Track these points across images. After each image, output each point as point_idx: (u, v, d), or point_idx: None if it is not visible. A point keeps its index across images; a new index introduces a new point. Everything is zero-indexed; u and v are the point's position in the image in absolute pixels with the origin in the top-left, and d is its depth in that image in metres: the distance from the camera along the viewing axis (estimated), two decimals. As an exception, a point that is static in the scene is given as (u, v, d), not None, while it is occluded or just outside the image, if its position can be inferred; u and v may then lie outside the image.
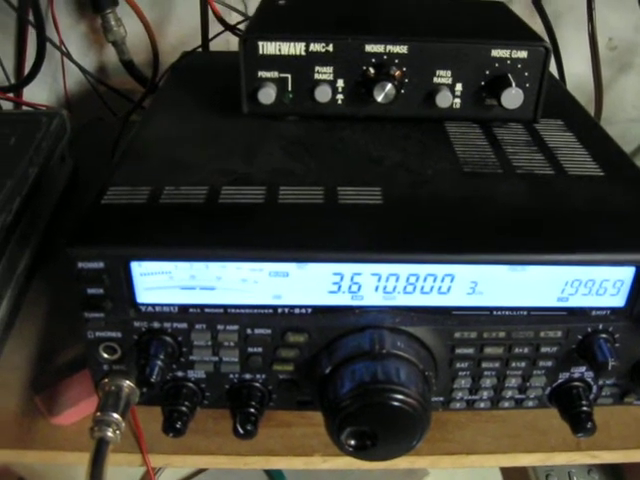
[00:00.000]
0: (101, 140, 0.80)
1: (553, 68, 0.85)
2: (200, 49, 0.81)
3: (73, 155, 0.75)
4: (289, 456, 0.51)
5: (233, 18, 0.83)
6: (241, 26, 0.77)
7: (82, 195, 0.74)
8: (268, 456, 0.50)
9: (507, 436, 0.52)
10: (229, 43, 0.83)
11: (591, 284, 0.43)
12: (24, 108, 0.89)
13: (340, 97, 0.53)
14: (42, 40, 0.80)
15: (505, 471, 0.71)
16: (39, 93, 0.93)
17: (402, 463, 0.51)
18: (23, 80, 0.86)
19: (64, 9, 0.91)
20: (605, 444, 0.52)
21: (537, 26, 0.83)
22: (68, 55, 0.91)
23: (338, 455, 0.48)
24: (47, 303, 0.62)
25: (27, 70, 0.88)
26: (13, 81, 0.92)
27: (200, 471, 0.68)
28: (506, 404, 0.48)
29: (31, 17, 0.84)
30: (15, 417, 0.51)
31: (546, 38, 0.84)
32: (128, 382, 0.44)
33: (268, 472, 0.68)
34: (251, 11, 0.90)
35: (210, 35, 0.84)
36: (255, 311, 0.42)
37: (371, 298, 0.42)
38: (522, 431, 0.52)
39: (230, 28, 0.71)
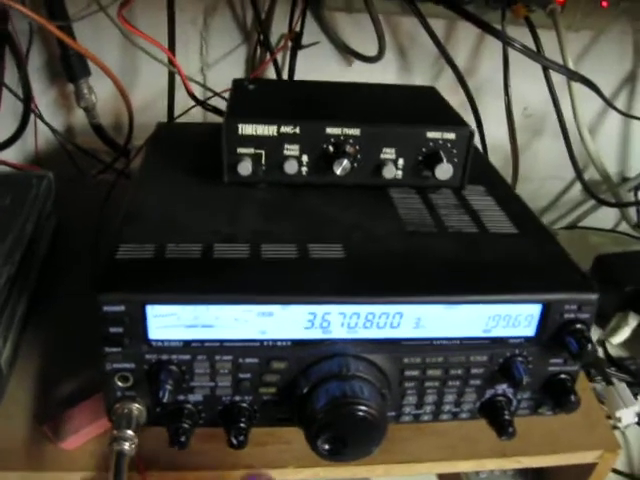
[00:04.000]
0: (79, 198, 0.87)
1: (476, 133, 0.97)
2: (168, 119, 0.89)
3: (56, 212, 0.81)
4: (266, 469, 0.56)
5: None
6: (209, 99, 0.86)
7: (65, 246, 0.81)
8: (247, 470, 0.56)
9: (446, 447, 0.59)
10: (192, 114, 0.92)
11: (508, 318, 0.51)
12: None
13: (305, 169, 0.61)
14: (27, 111, 0.87)
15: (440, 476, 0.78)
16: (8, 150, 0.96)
17: (361, 472, 0.57)
18: (4, 143, 0.91)
19: (37, 74, 0.96)
20: (527, 451, 0.59)
21: (461, 96, 0.95)
22: (41, 117, 0.95)
23: (308, 467, 0.55)
24: (43, 342, 0.66)
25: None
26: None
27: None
28: (445, 417, 0.55)
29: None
30: (23, 444, 0.56)
31: (469, 107, 0.96)
32: (137, 405, 0.50)
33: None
34: (210, 83, 0.98)
35: (177, 101, 0.93)
36: (245, 344, 0.49)
37: (338, 332, 0.50)
38: (458, 442, 0.59)
39: (200, 103, 0.79)
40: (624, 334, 0.83)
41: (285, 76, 0.98)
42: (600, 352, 0.82)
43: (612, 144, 1.13)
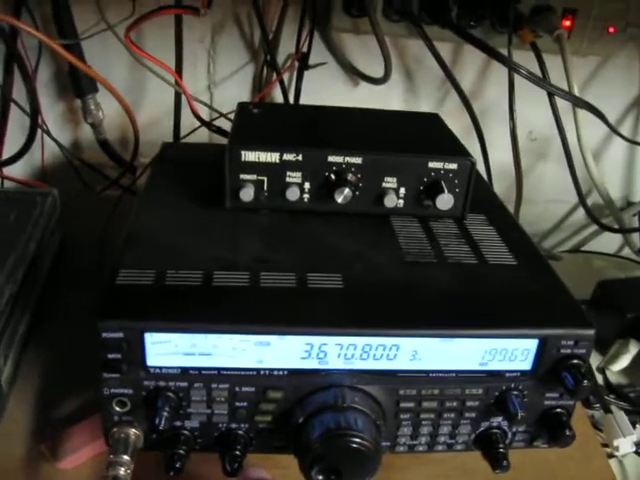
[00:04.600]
0: (84, 214, 0.88)
1: (479, 156, 0.97)
2: (174, 138, 0.90)
3: (60, 229, 0.82)
4: None
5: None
6: (215, 119, 0.86)
7: (69, 263, 0.81)
8: None
9: (441, 476, 0.59)
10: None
11: (505, 352, 0.51)
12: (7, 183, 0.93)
13: (306, 196, 0.61)
14: (34, 126, 0.88)
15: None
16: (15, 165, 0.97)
17: None
18: (11, 158, 0.91)
19: (45, 90, 0.97)
20: None
21: (466, 119, 0.96)
22: (48, 133, 0.96)
23: None
24: (43, 361, 0.66)
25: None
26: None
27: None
28: (440, 448, 0.55)
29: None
30: (21, 463, 0.56)
31: (473, 131, 0.96)
32: (134, 430, 0.50)
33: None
34: (216, 102, 1.00)
35: (184, 120, 0.93)
36: (242, 373, 0.49)
37: (334, 363, 0.50)
38: (453, 472, 0.59)
39: (206, 124, 0.80)
40: (624, 361, 0.83)
41: (291, 96, 0.99)
42: (599, 379, 0.81)
43: (617, 169, 1.13)
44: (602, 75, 1.03)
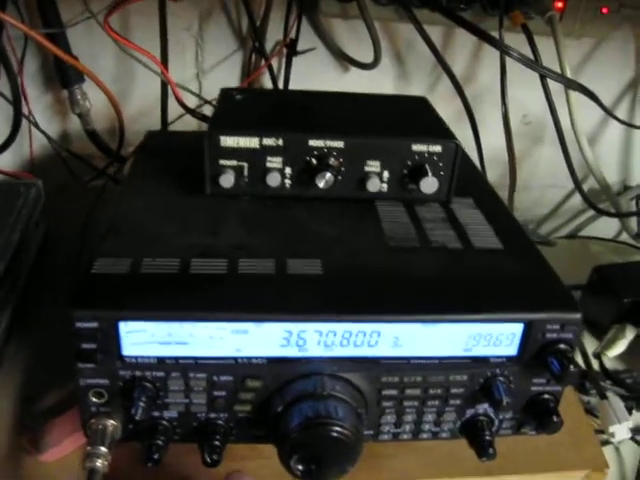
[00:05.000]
0: (68, 204, 0.86)
1: (472, 141, 0.96)
2: (161, 127, 0.89)
3: (45, 220, 0.81)
4: None
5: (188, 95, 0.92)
6: (200, 109, 0.85)
7: (53, 257, 0.80)
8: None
9: (431, 464, 0.58)
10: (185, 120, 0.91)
11: (489, 337, 0.50)
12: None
13: (288, 182, 0.60)
14: (18, 115, 0.87)
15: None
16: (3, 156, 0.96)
17: None
18: None
19: (32, 81, 0.96)
20: (513, 469, 0.58)
21: (459, 104, 0.95)
22: (36, 124, 0.95)
23: None
24: (26, 353, 0.66)
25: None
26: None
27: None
28: (425, 436, 0.54)
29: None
30: (3, 456, 0.55)
31: (466, 117, 0.95)
32: (112, 421, 0.50)
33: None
34: (205, 90, 0.99)
35: (170, 110, 0.93)
36: (220, 362, 0.48)
37: (314, 350, 0.49)
38: (443, 460, 0.58)
39: (190, 111, 0.79)
40: (621, 347, 0.82)
41: (281, 83, 0.98)
42: (595, 365, 0.80)
43: (613, 153, 1.12)
44: (596, 57, 1.02)
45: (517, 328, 0.50)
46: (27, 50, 0.93)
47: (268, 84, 0.99)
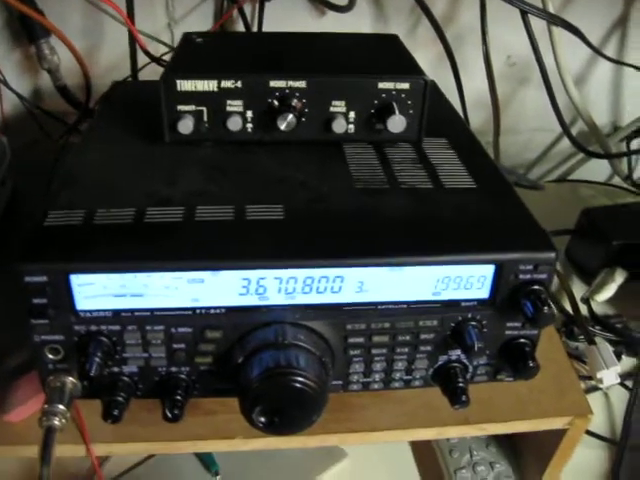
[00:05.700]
0: (38, 161, 0.82)
1: (453, 86, 0.93)
2: (130, 78, 0.86)
3: (12, 177, 0.79)
4: (214, 439, 0.55)
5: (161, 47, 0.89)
6: (166, 56, 0.83)
7: (21, 215, 0.78)
8: (196, 440, 0.54)
9: (405, 414, 0.57)
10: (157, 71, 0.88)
11: (459, 280, 0.48)
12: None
13: (249, 125, 0.58)
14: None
15: (415, 451, 0.76)
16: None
17: (313, 442, 0.56)
18: None
19: None
20: (491, 418, 0.57)
21: (440, 47, 0.91)
22: (5, 82, 0.92)
23: (257, 437, 0.53)
24: None
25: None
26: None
27: (138, 464, 0.73)
28: (396, 384, 0.53)
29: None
30: None
31: (447, 60, 0.92)
32: (71, 378, 0.49)
33: (202, 461, 0.72)
34: (177, 39, 0.96)
35: (139, 63, 0.90)
36: (177, 313, 0.47)
37: (275, 298, 0.47)
38: (418, 410, 0.57)
39: (155, 60, 0.76)
40: (610, 291, 0.79)
41: (255, 29, 0.94)
42: (584, 310, 0.78)
43: (603, 93, 1.08)
44: (582, -7, 0.98)
45: (488, 270, 0.48)
46: (-9, 4, 0.90)
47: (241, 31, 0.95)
